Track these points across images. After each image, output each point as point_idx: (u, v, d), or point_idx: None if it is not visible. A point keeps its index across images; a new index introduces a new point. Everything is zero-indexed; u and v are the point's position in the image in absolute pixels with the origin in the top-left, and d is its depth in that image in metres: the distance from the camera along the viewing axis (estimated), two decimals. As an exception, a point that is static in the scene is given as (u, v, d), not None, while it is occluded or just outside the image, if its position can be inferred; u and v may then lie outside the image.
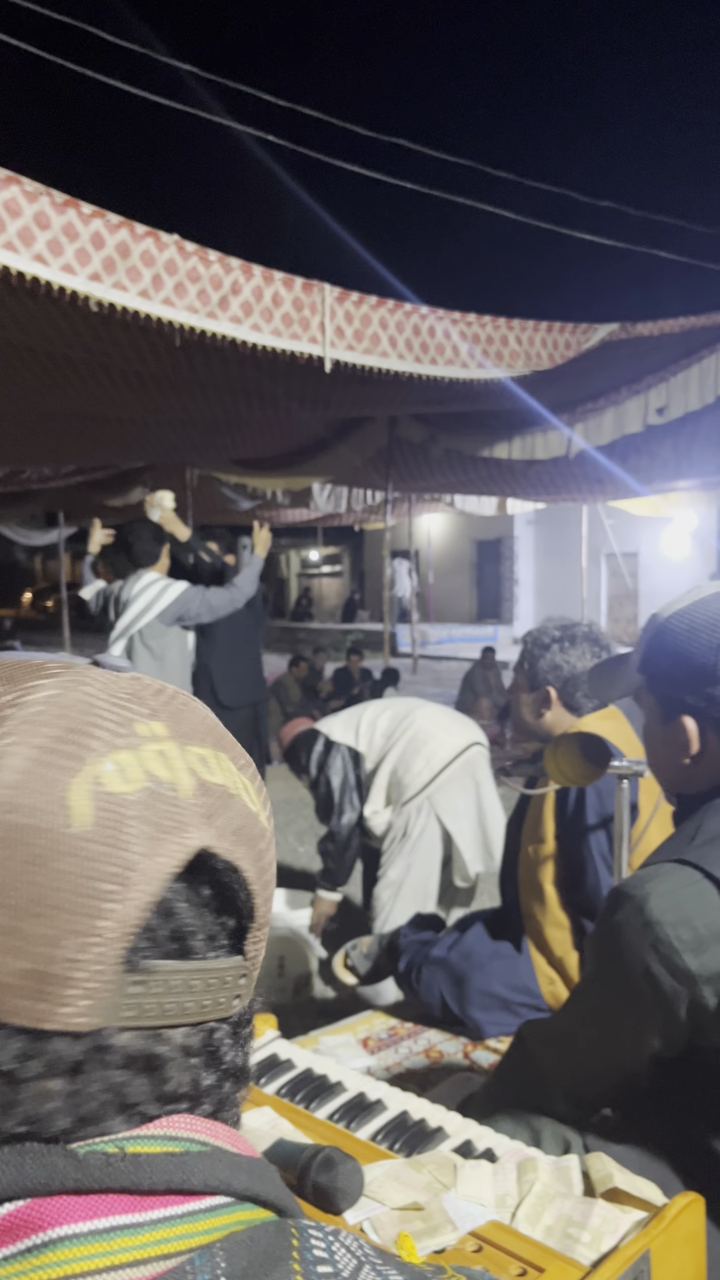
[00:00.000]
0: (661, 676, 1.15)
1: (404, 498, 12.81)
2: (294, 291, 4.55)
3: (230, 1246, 0.36)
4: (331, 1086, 1.17)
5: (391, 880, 3.02)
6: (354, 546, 25.04)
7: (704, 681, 1.08)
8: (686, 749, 1.11)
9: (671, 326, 5.64)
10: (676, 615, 1.15)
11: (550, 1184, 0.97)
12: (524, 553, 20.13)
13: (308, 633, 18.95)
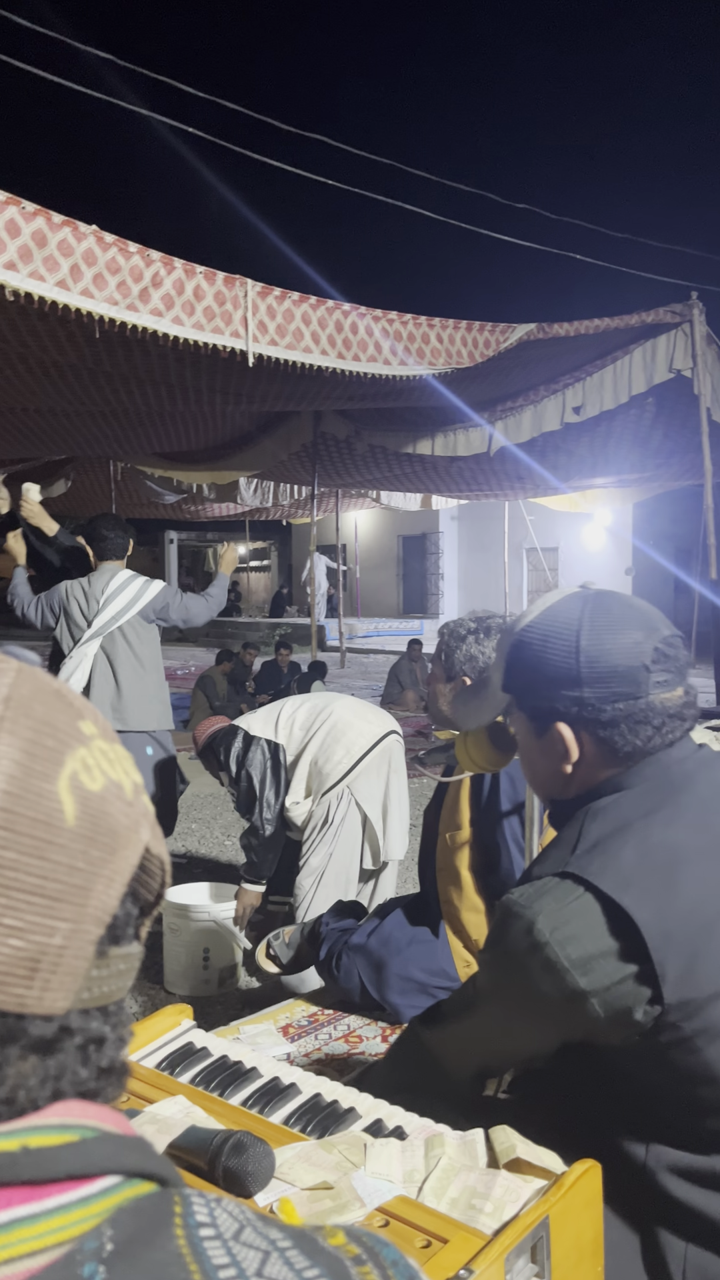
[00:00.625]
0: (527, 689, 1.13)
1: (330, 493, 12.82)
2: (216, 285, 4.53)
3: (117, 1218, 0.38)
4: (246, 1073, 1.18)
5: (314, 868, 3.06)
6: (282, 541, 24.96)
7: (568, 685, 1.07)
8: (566, 756, 1.10)
9: (586, 328, 5.78)
10: (528, 628, 1.13)
11: (456, 1158, 1.01)
12: (448, 548, 20.35)
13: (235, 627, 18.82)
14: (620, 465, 9.18)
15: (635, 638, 1.07)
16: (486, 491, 11.19)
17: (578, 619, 1.09)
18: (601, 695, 1.06)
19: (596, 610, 1.09)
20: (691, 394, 6.71)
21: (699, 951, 0.97)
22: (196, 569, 27.17)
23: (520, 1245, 0.86)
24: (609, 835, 1.03)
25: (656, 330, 6.47)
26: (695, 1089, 0.99)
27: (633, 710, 1.06)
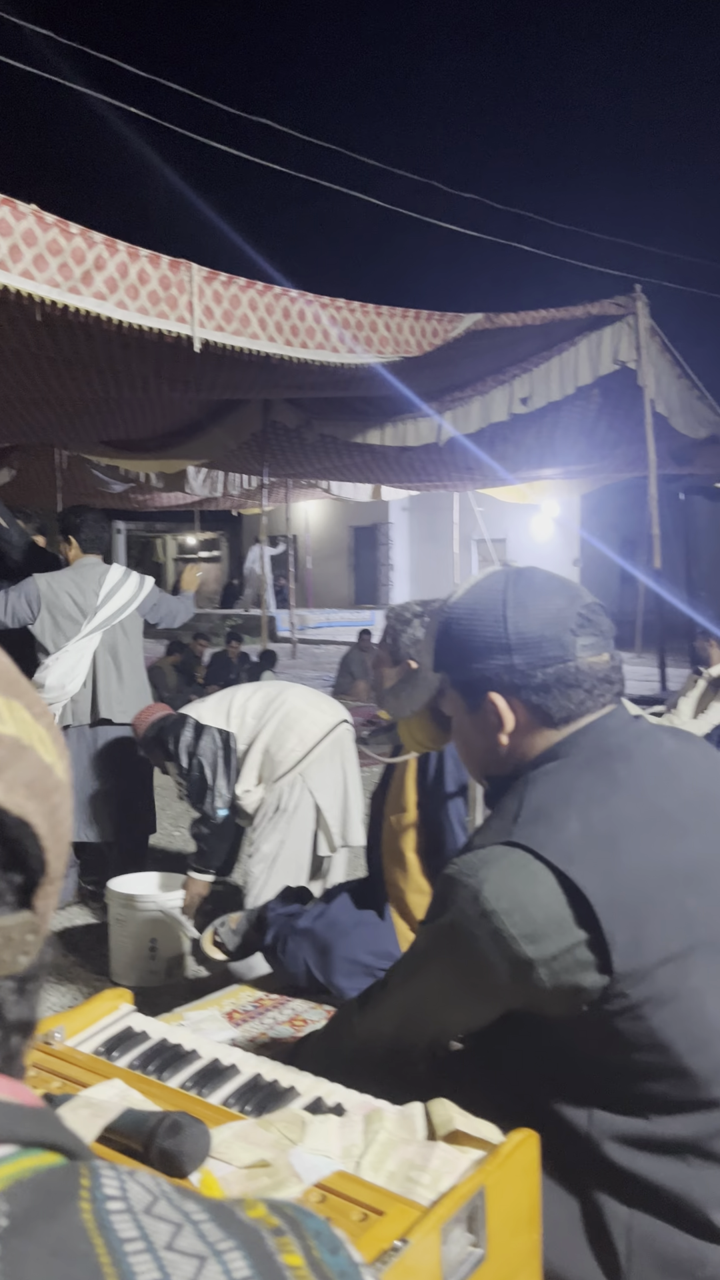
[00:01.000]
0: (457, 665, 1.14)
1: (281, 483, 12.76)
2: (160, 269, 4.46)
3: (13, 1190, 0.36)
4: (185, 1055, 1.17)
5: (265, 854, 3.05)
6: (232, 532, 24.77)
7: (498, 653, 1.09)
8: (501, 725, 1.10)
9: (533, 318, 5.82)
10: (454, 606, 1.15)
11: (395, 1132, 1.01)
12: (399, 539, 20.41)
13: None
14: (567, 456, 9.28)
15: (559, 604, 1.10)
16: (436, 482, 11.23)
17: (502, 592, 1.11)
18: (531, 660, 1.08)
19: (519, 583, 1.12)
20: (635, 386, 6.80)
21: (644, 920, 0.98)
22: (145, 560, 26.86)
23: (456, 1215, 0.87)
24: (551, 805, 1.03)
25: (601, 322, 6.55)
26: (640, 1055, 1.00)
27: (563, 674, 1.08)
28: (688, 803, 1.08)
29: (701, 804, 1.09)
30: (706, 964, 1.01)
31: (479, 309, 5.63)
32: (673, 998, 0.98)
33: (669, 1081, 1.00)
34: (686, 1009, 0.99)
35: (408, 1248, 0.82)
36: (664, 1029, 0.98)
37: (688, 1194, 1.00)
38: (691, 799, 1.09)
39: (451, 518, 14.73)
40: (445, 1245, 0.86)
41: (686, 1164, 1.01)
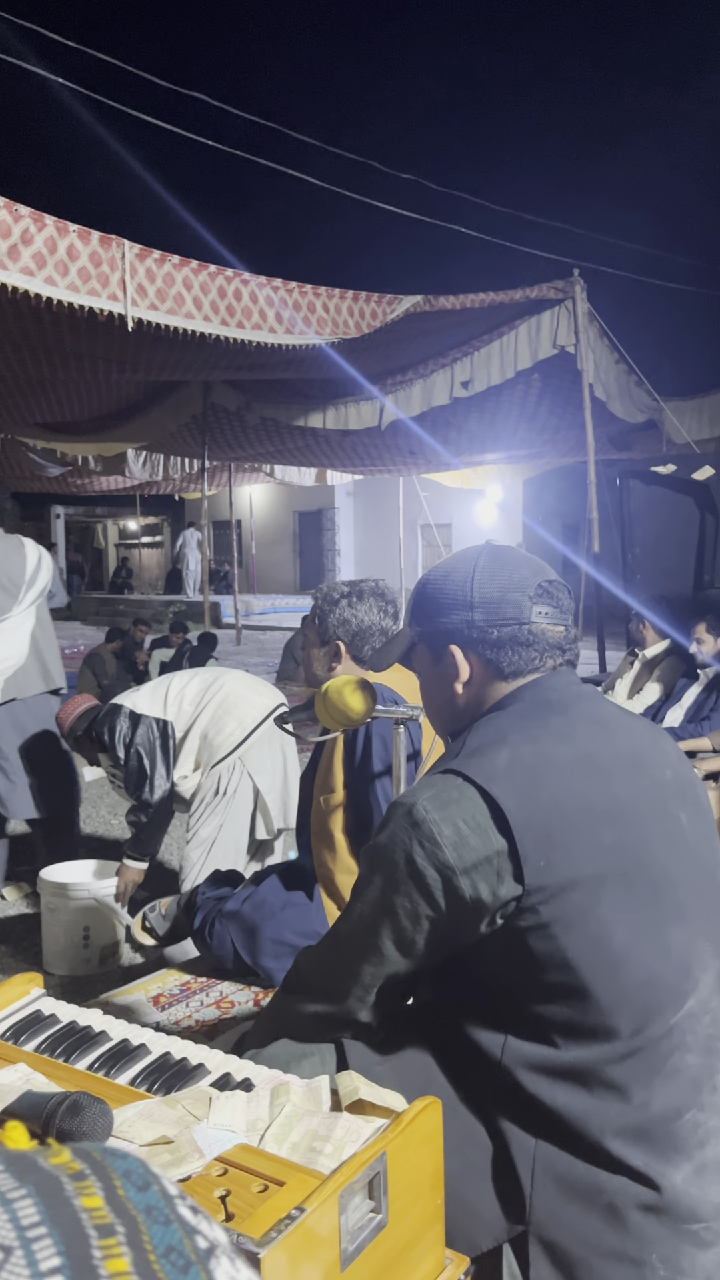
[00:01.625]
0: (426, 620, 1.25)
1: (223, 467, 12.65)
2: (91, 245, 4.36)
3: None
4: (95, 1038, 1.16)
5: (203, 839, 3.03)
6: (175, 517, 24.48)
7: (461, 609, 1.20)
8: (458, 675, 1.21)
9: (472, 301, 5.83)
10: (432, 570, 1.27)
11: (300, 1104, 1.01)
12: (344, 524, 20.38)
13: (127, 605, 18.41)
14: (509, 441, 9.35)
15: (523, 574, 1.21)
16: (380, 466, 11.23)
17: (475, 559, 1.23)
18: (489, 618, 1.19)
19: (493, 553, 1.24)
20: (575, 370, 6.86)
21: (558, 842, 1.05)
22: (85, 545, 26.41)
23: (355, 1182, 0.87)
24: (487, 744, 1.13)
25: (541, 306, 6.58)
26: (549, 976, 1.05)
27: (516, 634, 1.18)
28: (618, 754, 1.15)
29: (631, 758, 1.16)
30: (617, 895, 1.06)
31: (418, 291, 5.62)
32: (581, 921, 1.04)
33: (574, 1005, 1.05)
34: (595, 934, 1.04)
35: (305, 1215, 0.82)
36: (571, 950, 1.04)
37: (585, 1123, 1.04)
38: (622, 752, 1.16)
39: (397, 502, 14.76)
40: (344, 1212, 0.86)
41: (589, 1092, 1.05)
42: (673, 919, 1.09)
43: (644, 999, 1.05)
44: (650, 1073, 1.04)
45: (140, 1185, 0.39)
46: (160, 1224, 0.38)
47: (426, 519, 15.57)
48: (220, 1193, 0.87)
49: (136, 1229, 0.37)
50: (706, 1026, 1.07)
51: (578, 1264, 1.02)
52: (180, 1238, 0.38)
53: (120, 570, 24.33)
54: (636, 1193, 1.02)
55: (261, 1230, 0.81)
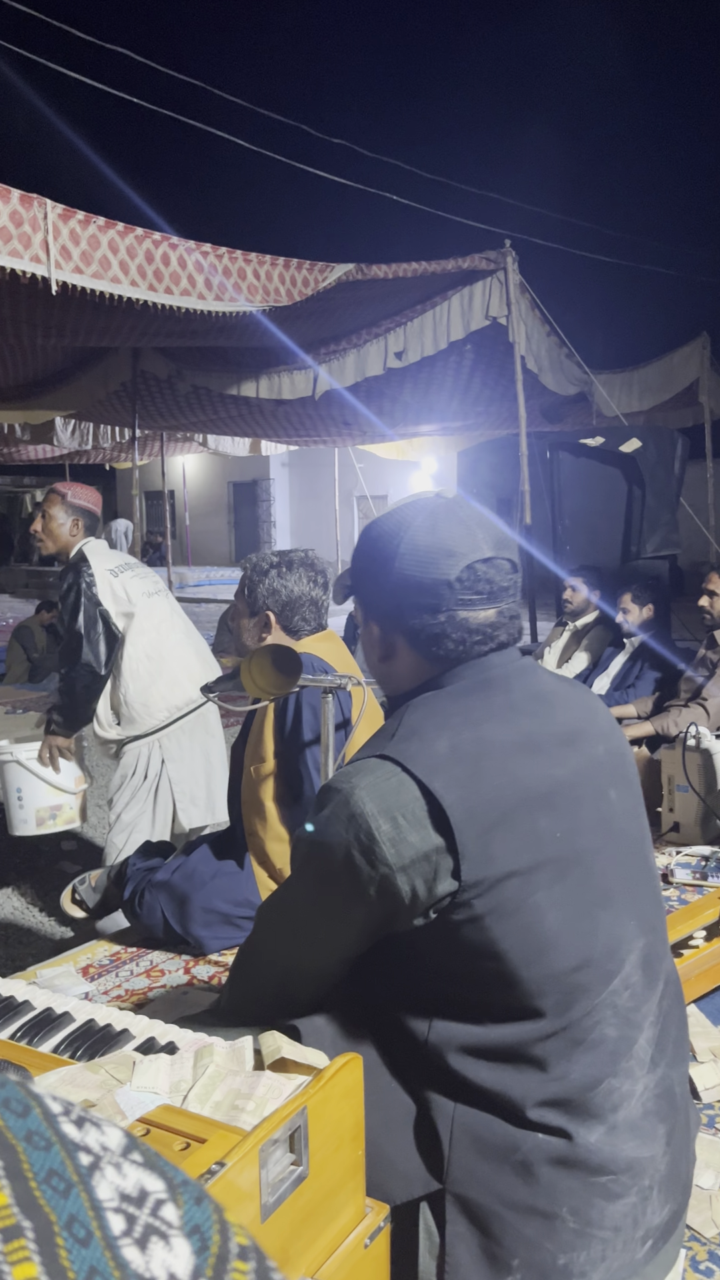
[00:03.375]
0: (357, 585, 1.20)
1: (155, 436, 12.42)
2: (11, 205, 4.22)
3: None
4: (17, 1007, 1.16)
5: (125, 823, 3.00)
6: (106, 487, 23.98)
7: (383, 591, 1.13)
8: (380, 653, 1.18)
9: (405, 270, 5.81)
10: (370, 525, 1.19)
11: (223, 1064, 1.02)
12: (280, 495, 20.25)
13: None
14: (443, 413, 9.37)
15: (456, 550, 1.11)
16: (314, 437, 11.15)
17: (403, 529, 1.13)
18: (405, 605, 1.12)
19: (425, 521, 1.13)
20: (507, 342, 6.89)
21: (495, 835, 1.04)
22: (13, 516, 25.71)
23: (276, 1136, 0.89)
24: (426, 726, 1.09)
25: (473, 277, 6.59)
26: (480, 963, 1.06)
27: (431, 624, 1.12)
28: (555, 733, 1.14)
29: (568, 736, 1.15)
30: (550, 883, 1.07)
31: (351, 259, 5.57)
32: (515, 910, 1.04)
33: (503, 990, 1.06)
34: (527, 922, 1.05)
35: (225, 1170, 0.84)
36: (503, 939, 1.04)
37: (507, 1094, 1.07)
38: (560, 731, 1.15)
39: (332, 474, 14.70)
40: (265, 1166, 0.88)
41: (513, 1067, 1.07)
42: (601, 901, 1.09)
43: (571, 981, 1.06)
44: (572, 1046, 1.06)
45: (20, 1111, 0.38)
46: (41, 1149, 0.37)
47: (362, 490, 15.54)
48: (142, 1152, 0.88)
49: (16, 1158, 0.36)
50: (626, 1000, 1.09)
51: (492, 1219, 1.04)
52: (62, 1159, 0.38)
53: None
54: (549, 1149, 1.05)
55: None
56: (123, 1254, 0.37)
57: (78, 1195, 0.37)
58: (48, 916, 3.33)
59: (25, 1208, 0.35)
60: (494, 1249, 1.04)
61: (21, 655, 8.69)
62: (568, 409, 9.10)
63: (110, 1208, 0.38)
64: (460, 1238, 1.04)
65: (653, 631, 4.39)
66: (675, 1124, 1.12)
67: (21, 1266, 0.34)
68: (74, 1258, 0.35)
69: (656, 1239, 1.10)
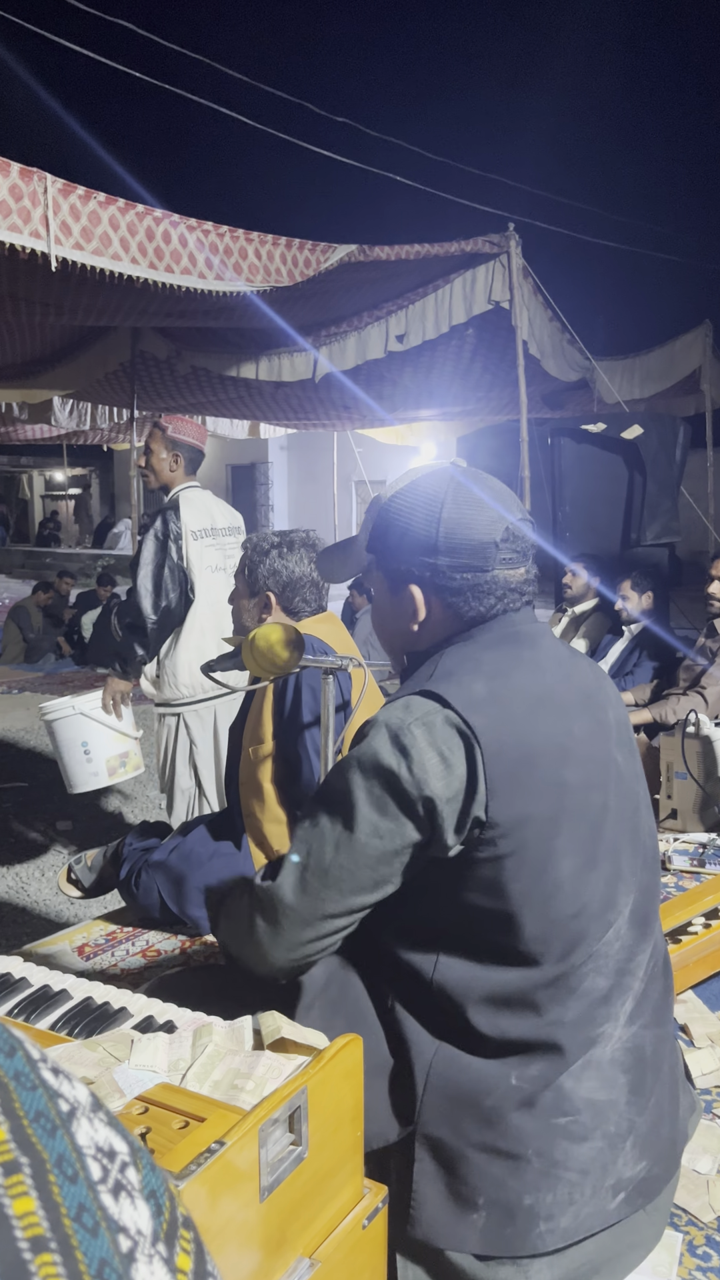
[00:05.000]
0: (388, 552, 1.23)
1: (153, 417, 12.35)
2: (10, 178, 4.17)
3: None
4: (14, 985, 1.15)
5: (184, 789, 3.07)
6: (103, 468, 23.89)
7: (425, 552, 1.17)
8: (415, 616, 1.21)
9: (408, 253, 5.76)
10: (397, 496, 1.23)
11: (222, 1044, 1.02)
12: (278, 478, 20.17)
13: (55, 558, 17.98)
14: (443, 397, 9.32)
15: (490, 517, 1.17)
16: (314, 420, 11.10)
17: (443, 494, 1.19)
18: (453, 565, 1.17)
19: (460, 489, 1.19)
20: (509, 327, 6.85)
21: (523, 778, 1.07)
22: (10, 495, 25.59)
23: (275, 1116, 0.88)
24: (461, 670, 1.14)
25: (475, 260, 6.54)
26: (489, 903, 1.08)
27: (479, 581, 1.17)
28: (574, 692, 1.19)
29: (584, 697, 1.20)
30: (565, 832, 1.10)
31: (353, 240, 5.52)
32: (533, 854, 1.07)
33: (509, 932, 1.09)
34: (542, 867, 1.08)
35: (224, 1149, 0.83)
36: (516, 882, 1.07)
37: (501, 1034, 1.09)
38: (577, 690, 1.20)
39: (331, 458, 14.63)
40: (264, 1146, 0.87)
41: (510, 1011, 1.10)
42: (605, 855, 1.14)
43: (572, 929, 1.10)
44: (566, 994, 1.10)
45: (7, 1051, 0.39)
46: (28, 1090, 0.38)
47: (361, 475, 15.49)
48: (141, 1130, 0.87)
49: (9, 1096, 0.38)
50: (618, 952, 1.13)
51: (459, 1159, 1.08)
52: (45, 1102, 0.39)
53: (48, 522, 23.71)
54: (520, 1093, 1.08)
55: (181, 1164, 0.82)
56: (102, 1198, 0.38)
57: (62, 1137, 0.38)
58: (43, 896, 3.33)
59: (21, 1144, 0.36)
60: (459, 1187, 1.07)
61: (18, 635, 8.67)
62: (569, 395, 9.06)
63: (89, 1154, 0.39)
64: (427, 1175, 1.08)
65: (652, 619, 4.38)
66: (643, 1080, 1.15)
67: (20, 1200, 0.35)
68: (65, 1194, 0.36)
69: (630, 1194, 1.12)
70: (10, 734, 5.74)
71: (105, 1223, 0.37)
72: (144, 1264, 0.38)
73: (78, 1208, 0.36)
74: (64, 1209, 0.36)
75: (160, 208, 4.81)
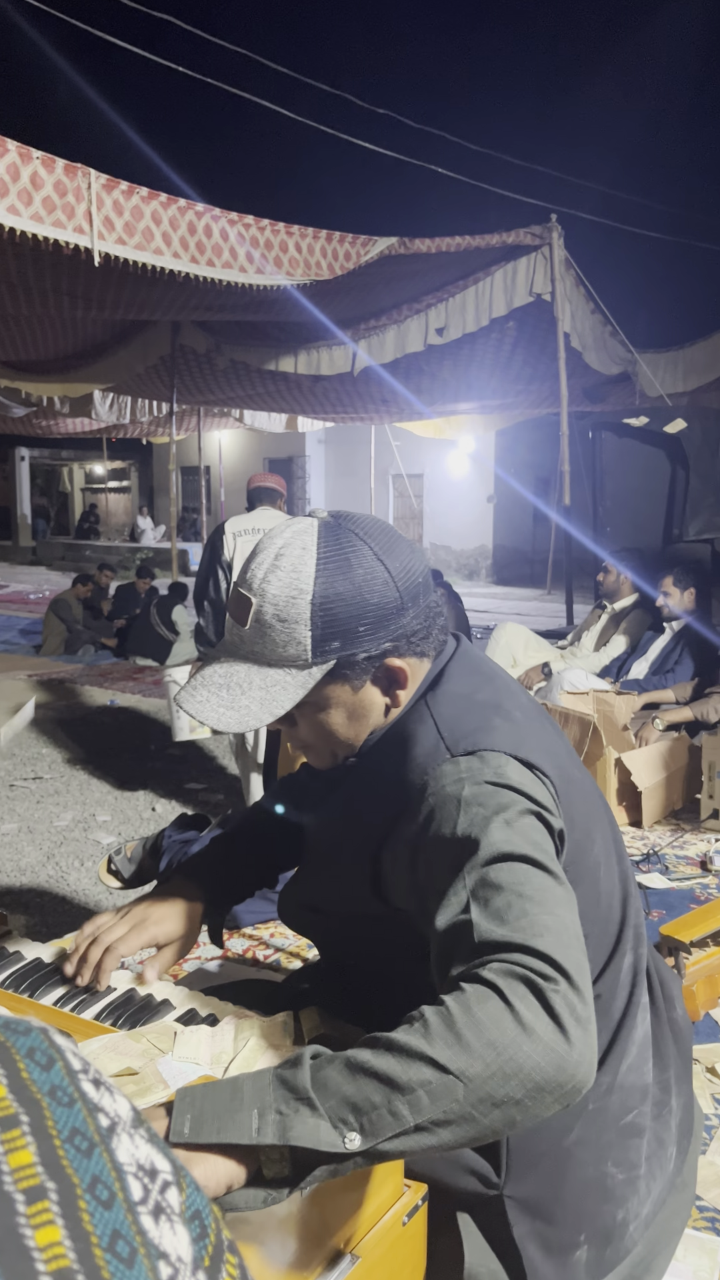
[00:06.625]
0: (346, 647, 1.01)
1: (192, 411, 12.43)
2: (55, 174, 4.21)
3: None
4: (59, 974, 1.16)
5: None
6: (142, 461, 24.11)
7: (392, 616, 1.02)
8: (401, 685, 1.05)
9: (448, 245, 5.73)
10: (324, 585, 1.00)
11: (264, 1039, 1.02)
12: (315, 472, 20.21)
13: (94, 551, 18.19)
14: (482, 390, 9.27)
15: (406, 544, 1.06)
16: (351, 414, 11.10)
17: (368, 548, 1.02)
18: (416, 611, 1.04)
19: (370, 534, 1.03)
20: (550, 319, 6.79)
21: (565, 792, 1.02)
22: (51, 488, 25.93)
23: (317, 1112, 0.89)
24: (470, 717, 1.01)
25: (517, 252, 6.49)
26: None
27: (435, 611, 1.08)
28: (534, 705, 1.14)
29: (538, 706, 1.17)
30: (599, 836, 1.09)
31: (393, 233, 5.51)
32: (583, 864, 1.05)
33: None
34: (591, 874, 1.06)
35: (267, 1145, 0.83)
36: (576, 892, 1.01)
37: None
38: None
39: (368, 451, 14.62)
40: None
41: None
42: (617, 850, 1.14)
43: (610, 931, 1.09)
44: (611, 994, 1.08)
45: (44, 1063, 0.38)
46: (64, 1105, 0.37)
47: (398, 469, 15.47)
48: (184, 1123, 0.88)
49: (41, 1114, 0.36)
50: (635, 943, 1.13)
51: (556, 1206, 1.02)
52: (84, 1118, 0.37)
53: (88, 515, 23.99)
54: (595, 1118, 1.05)
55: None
56: (142, 1221, 0.36)
57: (100, 1156, 0.36)
58: (83, 886, 3.37)
59: (49, 1168, 0.34)
60: (560, 1235, 1.02)
61: (59, 627, 8.78)
62: (610, 389, 8.95)
63: (130, 1172, 0.37)
64: (529, 1236, 1.02)
65: (694, 616, 4.32)
66: (659, 1048, 1.15)
67: (45, 1230, 0.33)
68: (96, 1221, 0.34)
69: (679, 1142, 1.14)
70: (49, 722, 5.83)
71: (145, 1248, 0.35)
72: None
73: (111, 1235, 0.34)
74: (94, 1237, 0.34)
75: (200, 201, 4.83)
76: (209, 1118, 0.79)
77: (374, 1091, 0.78)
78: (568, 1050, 0.78)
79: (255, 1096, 0.80)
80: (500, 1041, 0.77)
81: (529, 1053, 0.77)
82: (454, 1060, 0.77)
